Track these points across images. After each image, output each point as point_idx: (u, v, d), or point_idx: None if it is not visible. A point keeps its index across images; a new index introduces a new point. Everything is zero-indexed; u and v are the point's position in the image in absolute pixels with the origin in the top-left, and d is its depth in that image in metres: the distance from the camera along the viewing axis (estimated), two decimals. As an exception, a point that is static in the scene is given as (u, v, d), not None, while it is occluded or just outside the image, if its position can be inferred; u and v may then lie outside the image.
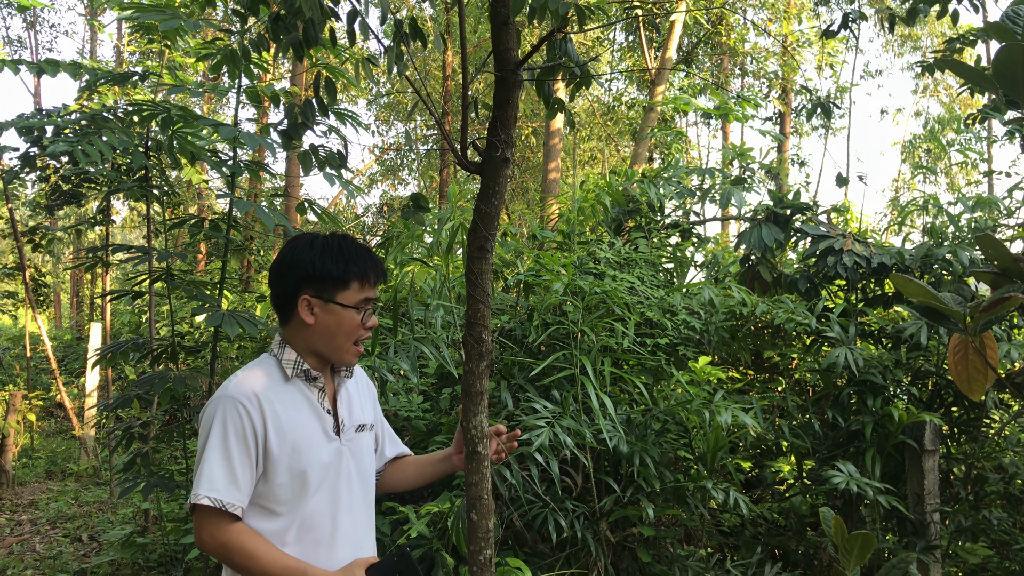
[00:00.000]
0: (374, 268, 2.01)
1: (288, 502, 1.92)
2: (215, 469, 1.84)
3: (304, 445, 1.93)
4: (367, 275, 1.99)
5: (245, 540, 1.84)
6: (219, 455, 1.85)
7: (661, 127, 10.64)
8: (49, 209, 7.39)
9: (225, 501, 1.83)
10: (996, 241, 2.10)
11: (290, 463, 1.91)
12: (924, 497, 4.14)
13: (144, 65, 11.84)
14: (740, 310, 4.41)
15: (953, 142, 14.20)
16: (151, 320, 5.96)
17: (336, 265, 1.96)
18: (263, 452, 1.90)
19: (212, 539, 1.84)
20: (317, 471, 1.95)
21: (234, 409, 1.88)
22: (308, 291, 1.97)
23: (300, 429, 1.94)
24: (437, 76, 16.45)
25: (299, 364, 2.00)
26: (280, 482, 1.91)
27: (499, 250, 4.81)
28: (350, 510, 2.03)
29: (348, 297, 1.97)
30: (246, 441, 1.87)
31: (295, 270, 1.98)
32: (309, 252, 1.98)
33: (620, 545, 3.87)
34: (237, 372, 2.00)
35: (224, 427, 1.87)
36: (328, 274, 1.96)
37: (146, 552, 5.62)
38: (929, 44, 21.09)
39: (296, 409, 1.96)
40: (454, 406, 4.22)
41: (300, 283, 1.97)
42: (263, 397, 1.91)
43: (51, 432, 11.69)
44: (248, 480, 1.88)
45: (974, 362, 2.16)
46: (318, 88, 3.28)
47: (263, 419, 1.89)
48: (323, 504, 1.97)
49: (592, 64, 13.10)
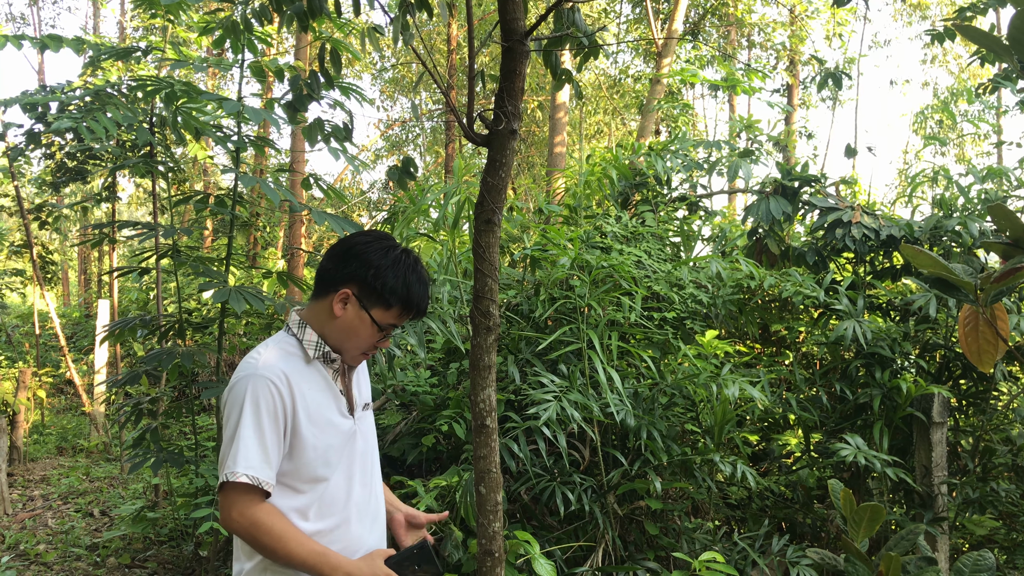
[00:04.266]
0: (420, 304, 2.03)
1: (311, 479, 1.95)
2: (251, 447, 1.85)
3: (325, 425, 1.96)
4: (411, 308, 2.01)
5: (275, 520, 1.86)
6: (253, 433, 1.86)
7: (668, 100, 10.56)
8: (55, 186, 7.39)
9: (261, 479, 1.84)
10: (1008, 211, 2.07)
11: (315, 442, 1.93)
12: (932, 469, 4.14)
13: (147, 40, 11.78)
14: (747, 283, 4.39)
15: (966, 113, 14.05)
16: (158, 297, 5.97)
17: (394, 284, 1.97)
18: (291, 431, 1.91)
19: (242, 517, 1.84)
20: (335, 450, 1.98)
21: (266, 388, 1.88)
22: (354, 287, 1.97)
23: (322, 409, 1.97)
24: (442, 50, 16.31)
25: (321, 346, 2.01)
26: (305, 460, 1.93)
27: (506, 225, 4.79)
28: (363, 485, 2.07)
29: (383, 316, 1.99)
30: (276, 420, 1.88)
31: (357, 263, 1.98)
32: (380, 257, 1.98)
33: (627, 518, 3.89)
34: (259, 350, 1.99)
35: (256, 405, 1.87)
36: (382, 287, 1.96)
37: (157, 527, 5.67)
38: (938, 13, 20.81)
39: (318, 389, 1.98)
40: (461, 380, 4.23)
41: (353, 276, 1.98)
42: (292, 377, 1.92)
43: (61, 409, 11.77)
44: (277, 458, 1.90)
45: (984, 333, 2.14)
46: (323, 60, 3.25)
47: (292, 398, 1.90)
48: (340, 481, 2.00)
49: (599, 34, 12.97)
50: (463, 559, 3.32)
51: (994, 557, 2.58)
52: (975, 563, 2.52)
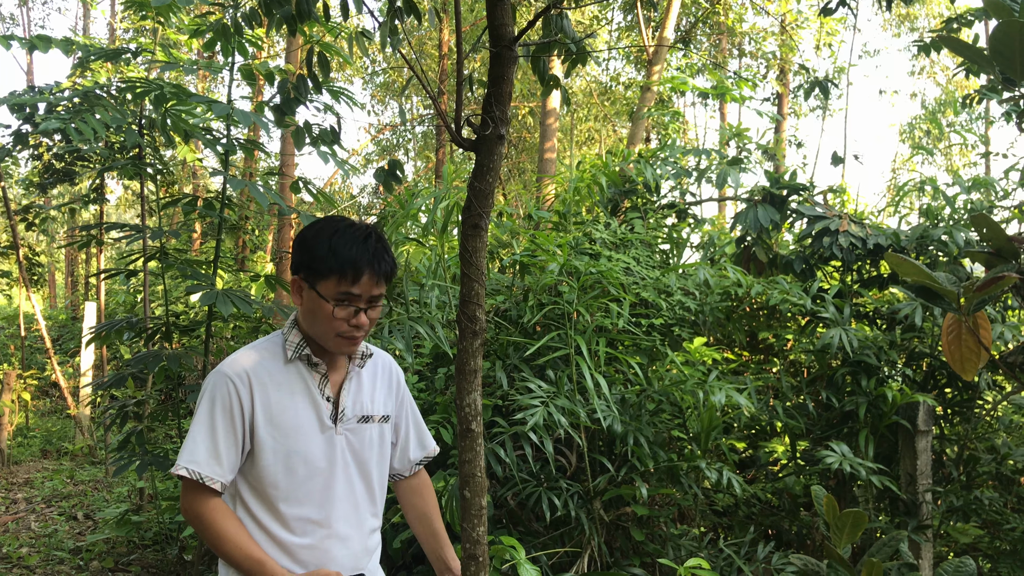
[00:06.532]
0: (353, 262, 1.89)
1: (277, 485, 1.92)
2: (198, 442, 1.87)
3: (292, 429, 1.92)
4: (345, 269, 1.88)
5: (217, 518, 1.86)
6: (204, 429, 1.88)
7: (658, 107, 10.59)
8: (42, 187, 7.35)
9: (203, 474, 1.85)
10: (991, 221, 2.09)
11: (275, 445, 1.90)
12: (917, 477, 4.16)
13: (137, 42, 11.74)
14: (735, 291, 4.41)
15: (953, 124, 14.15)
16: (146, 299, 5.94)
17: (322, 253, 1.90)
18: (249, 431, 1.90)
19: (190, 509, 1.88)
20: (305, 458, 1.93)
21: (223, 385, 1.89)
22: (302, 272, 1.96)
23: (290, 413, 1.93)
24: (433, 55, 16.33)
25: (301, 347, 1.97)
26: (266, 463, 1.90)
27: (495, 230, 4.79)
28: (344, 500, 2.00)
29: (326, 288, 1.90)
30: (231, 417, 1.88)
31: (298, 250, 1.97)
32: (311, 236, 1.94)
33: (614, 524, 3.89)
34: (242, 349, 2.00)
35: (212, 402, 1.89)
36: (312, 260, 1.92)
37: (141, 530, 5.64)
38: (926, 25, 20.97)
39: (290, 392, 1.95)
40: (449, 386, 4.22)
41: (299, 264, 1.96)
42: (254, 376, 1.91)
43: (46, 411, 11.69)
44: (232, 456, 1.89)
45: (967, 342, 2.15)
46: (310, 63, 3.25)
47: (251, 398, 1.90)
48: (315, 493, 1.95)
49: (588, 41, 12.94)
50: (448, 564, 3.31)
51: (976, 564, 2.59)
52: (956, 569, 2.53)
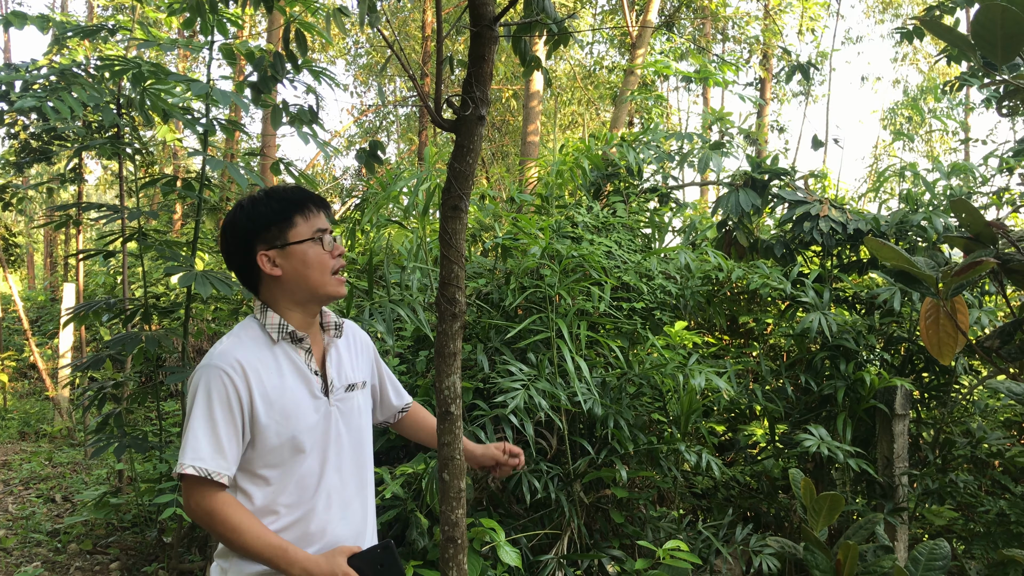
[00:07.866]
0: (308, 198, 2.01)
1: (278, 467, 1.92)
2: (200, 438, 1.84)
3: (292, 410, 1.93)
4: (305, 206, 1.99)
5: (230, 512, 1.84)
6: (204, 424, 1.85)
7: (641, 91, 10.57)
8: (18, 167, 7.24)
9: (210, 470, 1.82)
10: (969, 206, 2.10)
11: (278, 429, 1.90)
12: (893, 461, 4.20)
13: (116, 20, 11.56)
14: (716, 275, 4.42)
15: (934, 110, 14.24)
16: (124, 280, 5.88)
17: (271, 210, 1.97)
18: (250, 420, 1.89)
19: (199, 508, 1.85)
20: (306, 435, 1.94)
21: (218, 378, 1.86)
22: (261, 247, 1.96)
23: (287, 394, 1.93)
24: (416, 36, 16.20)
25: (284, 327, 1.98)
26: (270, 448, 1.90)
27: (477, 213, 4.78)
28: (338, 470, 2.02)
29: (299, 233, 1.97)
30: (231, 410, 1.86)
31: (240, 234, 1.99)
32: (242, 212, 1.99)
33: (593, 506, 3.91)
34: (223, 339, 1.97)
35: (209, 396, 1.86)
36: (270, 221, 1.97)
37: (120, 512, 5.61)
38: (909, 12, 21.03)
39: (281, 374, 1.95)
40: (430, 369, 4.22)
41: (250, 244, 1.97)
42: (247, 364, 1.90)
43: (24, 393, 11.60)
44: (234, 448, 1.87)
45: (945, 326, 2.17)
46: (287, 41, 3.21)
47: (248, 387, 1.88)
48: (313, 466, 1.96)
49: (571, 22, 12.87)
50: (428, 546, 3.32)
51: (951, 546, 2.63)
52: (931, 551, 2.56)
